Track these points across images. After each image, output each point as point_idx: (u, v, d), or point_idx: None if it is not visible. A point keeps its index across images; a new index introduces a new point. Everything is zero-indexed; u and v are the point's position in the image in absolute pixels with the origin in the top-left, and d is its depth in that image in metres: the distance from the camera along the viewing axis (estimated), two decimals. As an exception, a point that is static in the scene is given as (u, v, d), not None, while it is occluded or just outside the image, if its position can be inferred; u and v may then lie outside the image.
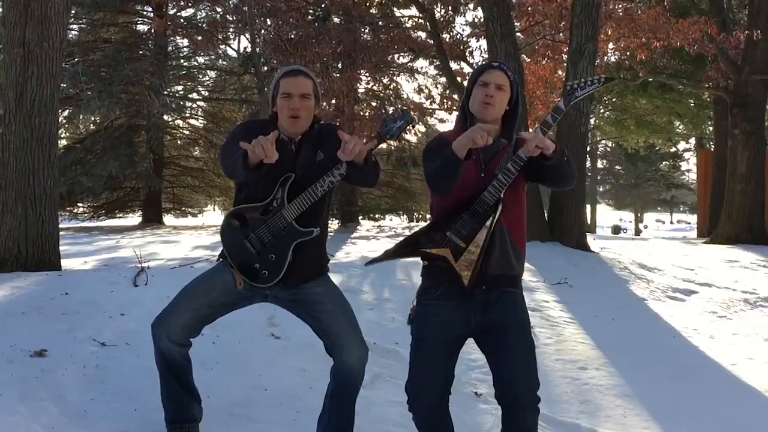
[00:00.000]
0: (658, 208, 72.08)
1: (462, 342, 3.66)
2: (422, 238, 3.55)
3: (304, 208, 3.68)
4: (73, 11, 21.42)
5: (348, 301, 3.94)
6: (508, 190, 3.45)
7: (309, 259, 3.80)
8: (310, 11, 20.50)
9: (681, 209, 73.04)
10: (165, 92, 23.35)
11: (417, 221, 29.23)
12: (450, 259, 3.46)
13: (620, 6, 18.77)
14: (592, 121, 29.54)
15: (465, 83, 18.83)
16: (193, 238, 16.25)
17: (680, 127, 32.83)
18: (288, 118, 3.72)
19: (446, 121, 25.48)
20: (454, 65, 20.44)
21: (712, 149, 26.33)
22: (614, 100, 30.20)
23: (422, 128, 24.42)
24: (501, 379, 3.53)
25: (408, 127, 3.82)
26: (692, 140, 41.29)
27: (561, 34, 19.11)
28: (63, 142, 25.56)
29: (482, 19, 16.02)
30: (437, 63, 21.49)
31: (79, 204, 25.97)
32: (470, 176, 3.49)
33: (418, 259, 3.70)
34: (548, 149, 3.32)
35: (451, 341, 3.59)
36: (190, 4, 23.62)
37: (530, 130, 3.46)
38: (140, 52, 24.65)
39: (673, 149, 49.51)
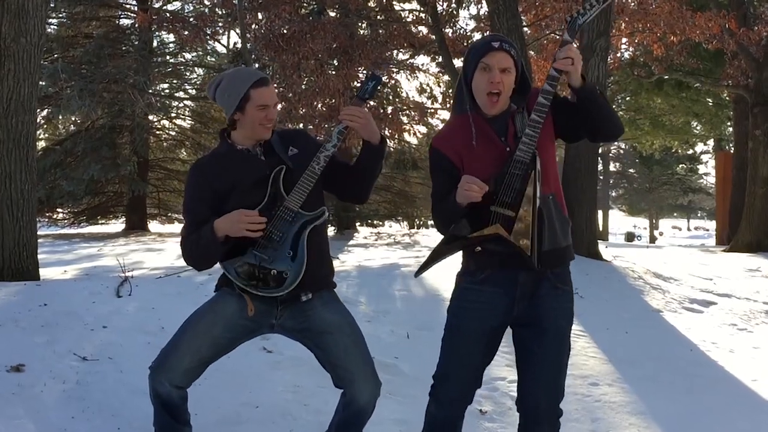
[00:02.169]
0: (675, 214, 72.16)
1: (501, 333, 3.62)
2: (463, 228, 3.44)
3: (306, 192, 3.66)
4: (51, 4, 21.43)
5: (359, 328, 3.87)
6: (541, 152, 3.40)
7: (311, 261, 3.71)
8: (304, 5, 20.52)
9: (699, 215, 72.99)
10: (150, 91, 23.33)
11: (418, 228, 29.20)
12: (503, 234, 3.36)
13: (634, -1, 18.78)
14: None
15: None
16: (179, 245, 16.21)
17: (698, 127, 32.82)
18: (262, 127, 3.74)
19: (449, 122, 25.46)
20: (457, 62, 20.44)
21: (732, 151, 26.34)
22: (628, 99, 30.25)
23: (423, 129, 24.39)
24: (524, 385, 3.57)
25: (379, 86, 3.85)
26: (710, 142, 41.27)
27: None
28: (41, 144, 25.55)
29: (487, 13, 16.04)
30: (439, 60, 21.49)
31: (59, 209, 25.97)
32: (495, 152, 3.46)
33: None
34: (577, 67, 3.33)
35: (489, 334, 3.55)
36: (176, -3, 23.69)
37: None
38: (123, 48, 24.62)
39: (690, 151, 49.52)
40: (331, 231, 24.10)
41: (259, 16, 19.57)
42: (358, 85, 4.00)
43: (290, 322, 3.81)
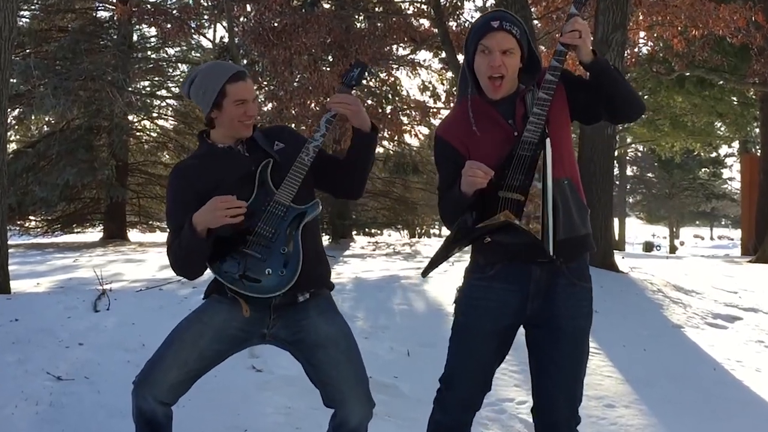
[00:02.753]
0: (697, 222, 72.27)
1: (512, 334, 3.62)
2: (470, 219, 3.42)
3: (296, 185, 3.68)
4: (24, -4, 21.47)
5: (355, 342, 3.86)
6: (553, 133, 3.40)
7: (307, 259, 3.71)
8: (297, -4, 20.55)
9: (723, 223, 73.28)
10: (130, 88, 23.31)
11: (419, 237, 29.18)
12: (512, 220, 3.34)
13: (653, -11, 18.79)
14: (620, 121, 29.45)
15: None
16: (162, 256, 16.20)
17: (722, 128, 32.84)
18: (241, 125, 3.77)
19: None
20: (462, 57, 20.45)
21: (759, 154, 26.33)
22: (646, 97, 30.23)
23: (425, 130, 24.40)
24: (541, 391, 3.58)
25: (366, 73, 3.89)
26: (735, 144, 41.35)
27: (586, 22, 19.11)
28: (12, 146, 25.52)
29: (494, 4, 16.07)
30: (442, 55, 21.50)
31: (31, 217, 25.90)
32: (501, 135, 3.47)
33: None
34: (586, 41, 3.33)
35: (499, 334, 3.56)
36: (158, -13, 23.67)
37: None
38: (101, 43, 24.60)
39: (713, 154, 49.53)
40: (325, 240, 24.06)
41: (248, 8, 19.60)
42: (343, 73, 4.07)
43: (283, 332, 3.80)
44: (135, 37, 25.71)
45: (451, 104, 22.38)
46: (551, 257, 3.39)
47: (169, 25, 20.59)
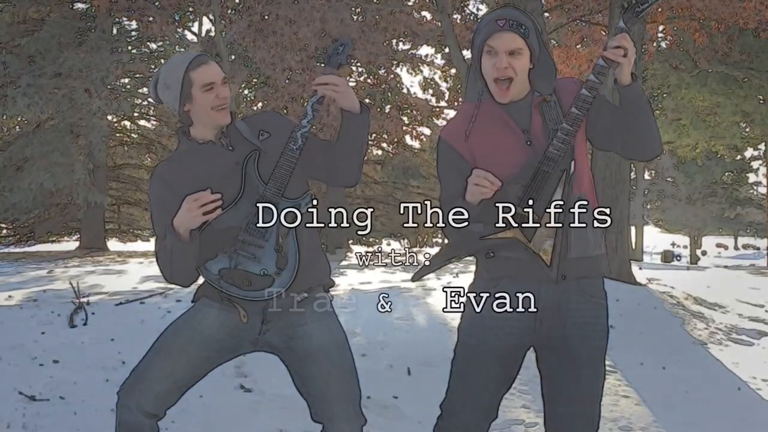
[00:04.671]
0: (720, 230, 72.09)
1: (521, 356, 3.56)
2: (475, 229, 3.38)
3: (286, 177, 3.64)
4: (-6, -14, 21.49)
5: (349, 353, 3.83)
6: (576, 150, 3.38)
7: (303, 256, 3.67)
8: (288, -14, 20.55)
9: (748, 231, 73.09)
10: (109, 86, 23.28)
11: (421, 246, 29.16)
12: (521, 239, 3.33)
13: (672, -20, 18.76)
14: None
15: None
16: (143, 266, 16.22)
17: (747, 129, 32.80)
18: (216, 112, 3.71)
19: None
20: (467, 53, 20.47)
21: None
22: (665, 95, 30.24)
23: (427, 131, 24.41)
24: (554, 417, 3.54)
25: (351, 51, 3.85)
26: (762, 146, 41.32)
27: (600, 15, 19.10)
28: (-19, 149, 25.54)
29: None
30: (446, 51, 21.50)
31: (2, 225, 25.91)
32: (512, 143, 3.44)
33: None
34: (630, 60, 3.29)
35: (506, 355, 3.51)
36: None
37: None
38: (78, 37, 24.60)
39: (738, 157, 49.47)
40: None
41: (235, -1, 19.62)
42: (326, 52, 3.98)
43: (275, 338, 3.77)
44: (114, 32, 25.70)
45: (456, 103, 22.43)
46: (557, 280, 3.39)
47: (151, 18, 20.59)
